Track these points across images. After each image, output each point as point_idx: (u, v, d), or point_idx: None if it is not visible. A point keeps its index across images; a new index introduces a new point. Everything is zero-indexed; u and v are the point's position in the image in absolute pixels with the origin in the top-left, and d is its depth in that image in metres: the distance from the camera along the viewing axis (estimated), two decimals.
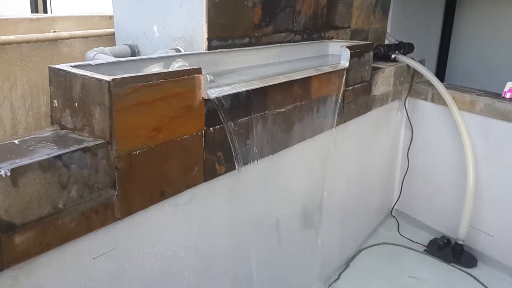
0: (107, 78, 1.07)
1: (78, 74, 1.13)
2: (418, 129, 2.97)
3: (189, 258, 1.47)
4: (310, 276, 2.28)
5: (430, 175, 2.96)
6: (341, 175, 2.38)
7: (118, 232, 1.18)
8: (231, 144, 1.49)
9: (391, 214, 3.21)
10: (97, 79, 1.09)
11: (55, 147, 1.03)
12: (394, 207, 3.20)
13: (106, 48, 1.78)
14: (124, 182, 1.15)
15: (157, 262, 1.34)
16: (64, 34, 1.83)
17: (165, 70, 1.34)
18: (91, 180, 1.07)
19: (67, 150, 1.01)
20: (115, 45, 1.98)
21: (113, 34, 2.01)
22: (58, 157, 0.98)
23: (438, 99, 2.79)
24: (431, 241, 2.84)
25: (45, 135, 1.14)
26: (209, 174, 1.44)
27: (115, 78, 1.08)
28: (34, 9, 4.36)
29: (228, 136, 1.47)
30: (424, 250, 2.82)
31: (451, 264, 2.68)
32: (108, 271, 1.19)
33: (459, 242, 2.65)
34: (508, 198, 2.55)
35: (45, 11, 4.42)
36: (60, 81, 1.18)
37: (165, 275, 1.38)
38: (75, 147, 1.03)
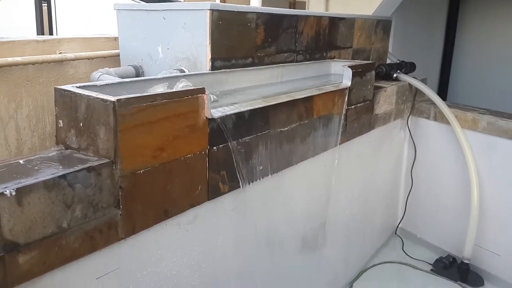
0: (112, 98, 1.09)
1: (83, 94, 1.15)
2: (421, 148, 2.97)
3: (193, 278, 1.46)
4: None
5: (434, 193, 2.95)
6: (344, 193, 2.38)
7: (121, 251, 1.18)
8: (235, 163, 1.50)
9: (395, 233, 3.19)
10: (102, 99, 1.10)
11: (60, 167, 1.04)
12: (399, 226, 3.18)
13: (111, 69, 1.81)
14: (128, 201, 1.15)
15: (160, 282, 1.33)
16: (70, 55, 1.85)
17: (169, 90, 1.35)
18: (95, 200, 1.07)
19: (71, 170, 1.02)
20: (120, 66, 2.00)
21: (118, 55, 2.04)
22: (63, 176, 0.99)
23: (440, 118, 2.80)
24: (436, 260, 2.82)
25: (50, 154, 1.15)
26: (213, 193, 1.45)
27: (120, 99, 1.10)
28: (40, 31, 4.43)
29: (232, 155, 1.48)
30: (430, 269, 2.79)
31: (458, 283, 2.65)
32: None
33: (465, 261, 2.63)
34: None
35: (51, 33, 4.49)
36: (66, 101, 1.19)
37: None
38: (80, 166, 1.04)
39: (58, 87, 1.22)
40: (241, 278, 1.71)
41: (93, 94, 1.14)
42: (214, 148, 1.42)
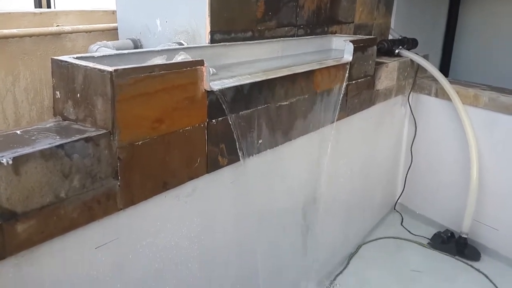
0: (109, 68, 1.08)
1: (81, 65, 1.13)
2: (422, 124, 2.96)
3: (192, 249, 1.47)
4: (314, 268, 2.28)
5: (434, 169, 2.95)
6: (344, 168, 2.38)
7: (120, 222, 1.19)
8: (234, 136, 1.49)
9: (394, 208, 3.20)
10: (100, 69, 1.09)
11: (57, 137, 1.04)
12: (398, 201, 3.20)
13: (109, 42, 1.79)
14: (127, 172, 1.15)
15: (159, 252, 1.34)
16: (67, 28, 1.83)
17: (168, 62, 1.34)
18: (94, 170, 1.07)
19: (69, 140, 1.01)
20: (118, 40, 1.98)
21: (116, 28, 2.01)
22: (60, 146, 0.99)
23: (442, 94, 2.78)
24: (434, 234, 2.84)
25: (48, 125, 1.14)
26: (212, 166, 1.45)
27: (117, 69, 1.08)
28: (38, 4, 4.36)
29: (231, 128, 1.47)
30: (428, 244, 2.81)
31: (455, 257, 2.67)
32: (111, 260, 1.20)
33: (463, 236, 2.65)
34: None
35: (49, 6, 4.42)
36: (63, 72, 1.18)
37: (167, 266, 1.39)
38: (77, 136, 1.04)
39: (55, 57, 1.20)
40: (240, 251, 1.72)
41: (91, 64, 1.13)
42: (213, 121, 1.41)
